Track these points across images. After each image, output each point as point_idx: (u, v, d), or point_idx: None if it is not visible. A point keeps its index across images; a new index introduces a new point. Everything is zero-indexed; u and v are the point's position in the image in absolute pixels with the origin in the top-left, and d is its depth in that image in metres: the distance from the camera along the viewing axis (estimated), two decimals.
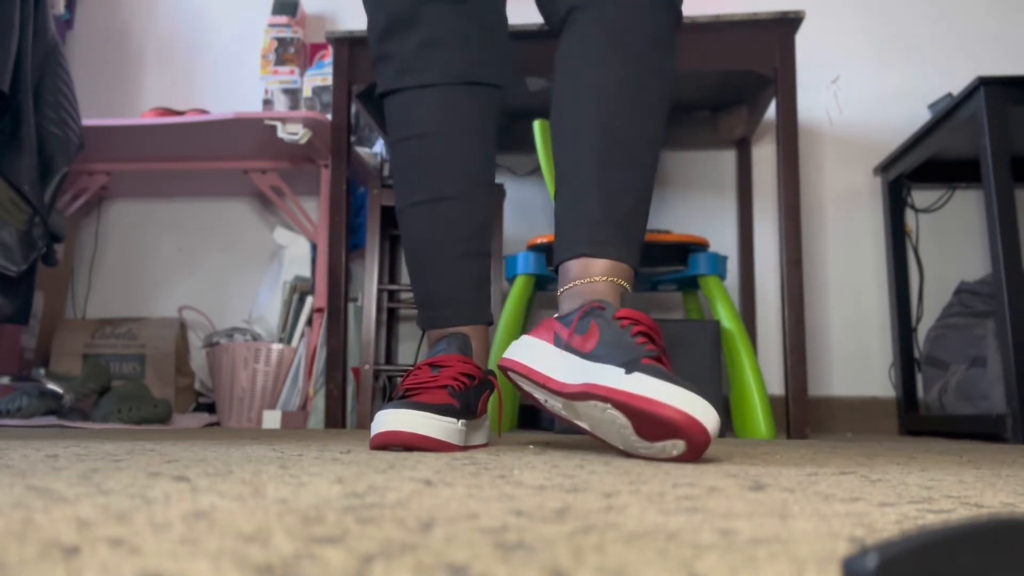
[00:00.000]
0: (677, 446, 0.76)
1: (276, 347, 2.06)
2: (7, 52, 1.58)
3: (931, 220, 2.33)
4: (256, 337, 2.12)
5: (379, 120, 2.24)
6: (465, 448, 0.95)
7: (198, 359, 2.36)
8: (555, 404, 0.88)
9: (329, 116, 1.95)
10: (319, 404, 1.98)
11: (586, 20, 1.00)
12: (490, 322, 1.12)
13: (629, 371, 0.77)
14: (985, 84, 1.68)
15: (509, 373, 0.93)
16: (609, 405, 0.78)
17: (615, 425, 0.79)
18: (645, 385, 0.75)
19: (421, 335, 2.43)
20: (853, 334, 2.31)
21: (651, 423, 0.75)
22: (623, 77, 0.97)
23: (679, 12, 1.03)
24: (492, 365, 1.74)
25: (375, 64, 1.15)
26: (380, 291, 2.06)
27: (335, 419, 1.80)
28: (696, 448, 0.75)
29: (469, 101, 1.10)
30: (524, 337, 0.93)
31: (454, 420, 0.92)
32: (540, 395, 0.90)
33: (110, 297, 2.56)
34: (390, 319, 2.38)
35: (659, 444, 0.77)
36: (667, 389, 0.74)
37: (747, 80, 2.03)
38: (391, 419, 0.88)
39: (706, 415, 0.74)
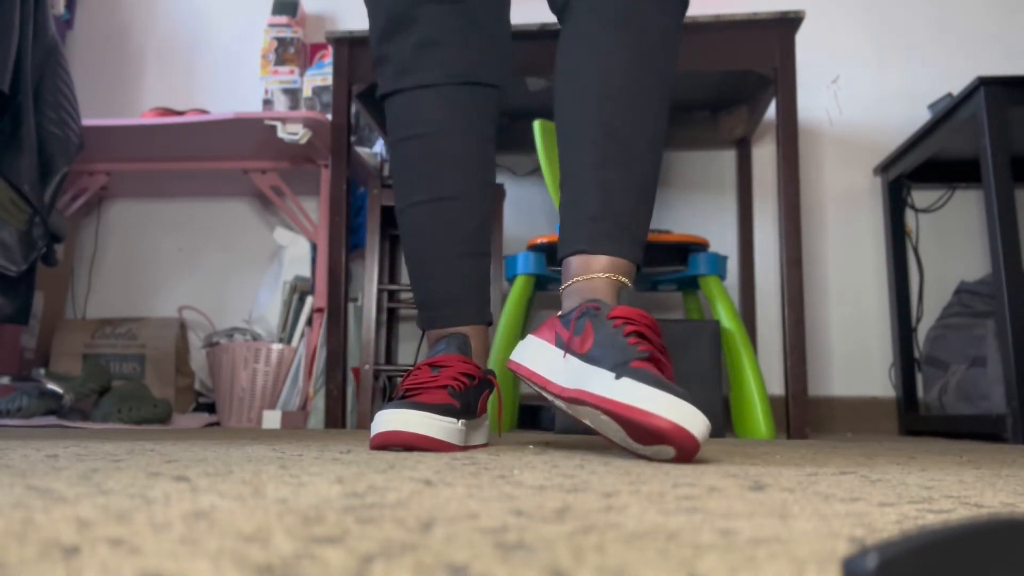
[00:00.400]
0: (668, 451, 0.76)
1: (276, 347, 2.06)
2: (7, 52, 1.58)
3: (931, 220, 2.33)
4: (256, 337, 2.12)
5: (379, 120, 2.24)
6: (465, 448, 0.95)
7: (198, 359, 2.36)
8: (559, 404, 0.89)
9: (329, 116, 1.95)
10: (319, 404, 1.98)
11: (584, 10, 1.00)
12: (490, 322, 1.12)
13: (618, 376, 0.77)
14: (985, 84, 1.68)
15: (517, 374, 0.94)
16: (600, 412, 0.78)
17: (611, 427, 0.80)
18: (632, 392, 0.75)
19: (421, 335, 2.43)
20: (853, 334, 2.31)
21: (639, 430, 0.75)
22: (623, 77, 0.97)
23: (683, 1, 1.02)
24: (492, 365, 1.74)
25: (375, 66, 1.15)
26: (380, 291, 2.06)
27: (335, 419, 1.80)
28: (685, 453, 0.75)
29: (468, 101, 1.10)
30: (529, 337, 0.94)
31: (454, 420, 0.92)
32: (546, 395, 0.91)
33: (110, 297, 2.56)
34: (390, 319, 2.38)
35: (651, 448, 0.77)
36: (654, 396, 0.74)
37: (747, 80, 2.03)
38: (391, 419, 0.88)
39: (693, 421, 0.73)
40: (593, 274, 0.93)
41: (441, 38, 1.09)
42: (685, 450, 0.74)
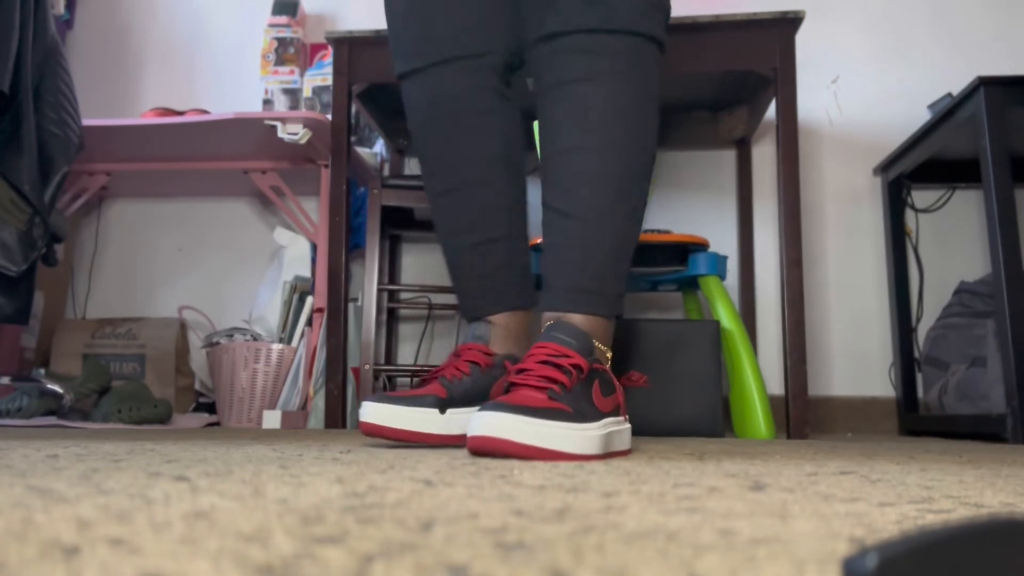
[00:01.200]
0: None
1: (276, 347, 2.06)
2: (7, 52, 1.58)
3: (931, 220, 2.33)
4: (256, 337, 2.12)
5: (379, 120, 2.24)
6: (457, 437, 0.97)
7: (198, 359, 2.36)
8: None
9: (329, 116, 1.95)
10: (319, 404, 1.98)
11: (552, 81, 1.00)
12: (516, 308, 1.10)
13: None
14: (985, 84, 1.68)
15: None
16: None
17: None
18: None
19: (421, 335, 2.43)
20: (853, 334, 2.31)
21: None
22: (594, 164, 0.97)
23: (650, 72, 1.00)
24: None
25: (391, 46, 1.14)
26: (380, 291, 2.05)
27: (335, 419, 1.80)
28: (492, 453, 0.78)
29: (479, 77, 1.08)
30: None
31: (433, 410, 0.95)
32: None
33: (110, 297, 2.56)
34: (390, 319, 2.38)
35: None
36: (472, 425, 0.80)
37: (747, 80, 2.03)
38: (368, 411, 0.96)
39: (482, 429, 0.78)
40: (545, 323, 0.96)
41: (449, 11, 1.07)
42: (486, 452, 0.79)
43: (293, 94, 2.42)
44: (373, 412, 0.95)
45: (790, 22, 1.73)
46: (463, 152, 1.08)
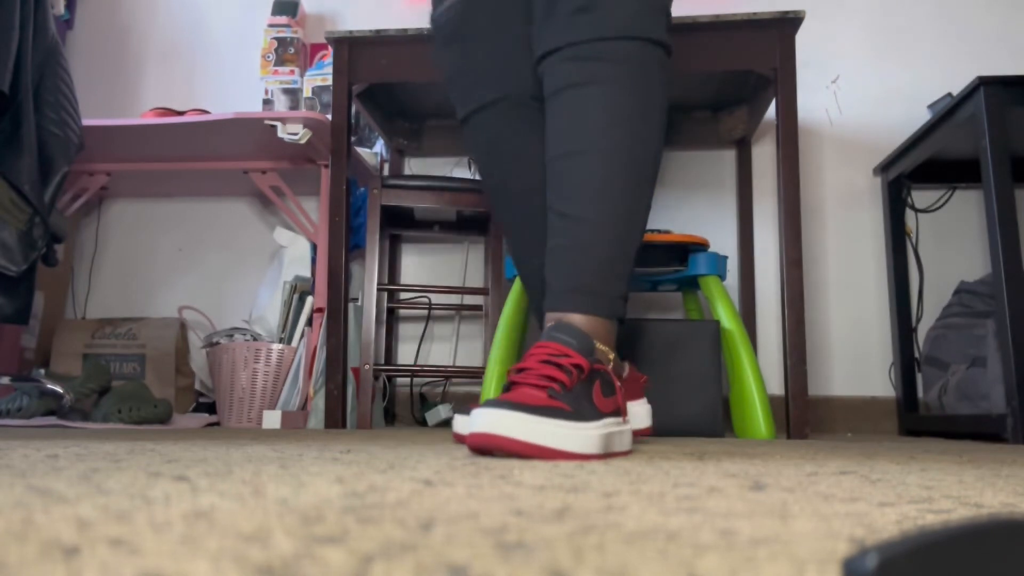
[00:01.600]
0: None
1: (276, 347, 2.06)
2: (7, 52, 1.58)
3: (931, 220, 2.33)
4: (256, 337, 2.12)
5: (379, 120, 2.24)
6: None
7: (198, 359, 2.36)
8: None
9: (329, 116, 1.96)
10: (319, 404, 1.98)
11: (556, 106, 1.03)
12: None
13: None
14: (985, 84, 1.68)
15: None
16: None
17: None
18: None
19: (421, 335, 2.43)
20: (853, 334, 2.31)
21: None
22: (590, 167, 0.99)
23: (652, 76, 1.01)
24: (491, 363, 1.74)
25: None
26: (380, 291, 2.05)
27: (335, 419, 1.80)
28: (490, 450, 0.79)
29: (509, 117, 1.15)
30: None
31: None
32: None
33: (110, 297, 2.56)
34: (390, 319, 2.38)
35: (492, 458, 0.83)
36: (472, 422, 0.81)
37: (747, 80, 2.03)
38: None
39: (482, 425, 0.78)
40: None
41: (473, 63, 1.15)
42: (485, 449, 0.79)
43: (293, 94, 2.42)
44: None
45: (790, 22, 1.73)
46: (503, 186, 1.18)
